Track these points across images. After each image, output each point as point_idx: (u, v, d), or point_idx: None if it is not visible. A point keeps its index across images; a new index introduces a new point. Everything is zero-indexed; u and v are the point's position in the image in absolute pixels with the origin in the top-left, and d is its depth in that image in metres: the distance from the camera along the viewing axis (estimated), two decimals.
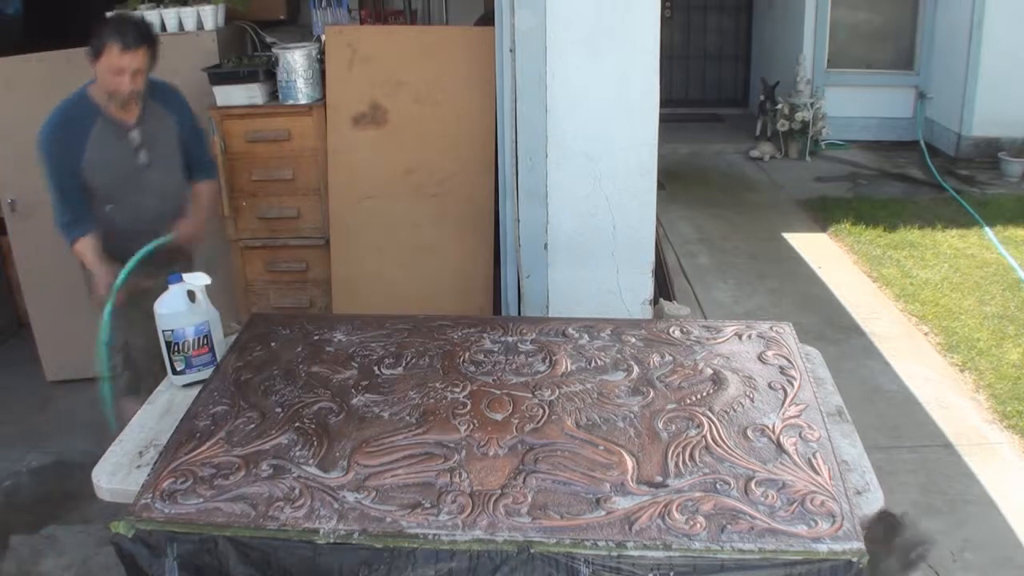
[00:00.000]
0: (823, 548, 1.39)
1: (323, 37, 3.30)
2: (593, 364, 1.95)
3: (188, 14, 3.32)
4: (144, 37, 2.38)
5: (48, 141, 2.45)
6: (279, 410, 1.80)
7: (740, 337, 2.07)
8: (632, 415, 1.75)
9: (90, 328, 3.69)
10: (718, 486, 1.52)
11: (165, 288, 2.01)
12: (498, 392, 1.83)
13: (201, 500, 1.53)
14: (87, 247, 2.49)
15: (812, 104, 6.68)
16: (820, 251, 4.98)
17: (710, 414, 1.74)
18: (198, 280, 2.03)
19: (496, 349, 2.03)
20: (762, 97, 6.99)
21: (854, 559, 1.39)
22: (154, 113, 2.57)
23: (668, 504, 1.48)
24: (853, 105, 6.98)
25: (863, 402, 3.34)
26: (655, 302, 3.26)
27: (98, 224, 2.53)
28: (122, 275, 2.35)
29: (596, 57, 2.75)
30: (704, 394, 1.82)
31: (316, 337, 2.12)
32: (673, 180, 5.83)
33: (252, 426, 1.74)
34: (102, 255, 2.48)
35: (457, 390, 1.84)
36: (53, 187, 2.48)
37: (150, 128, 2.55)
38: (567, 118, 2.79)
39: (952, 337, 3.84)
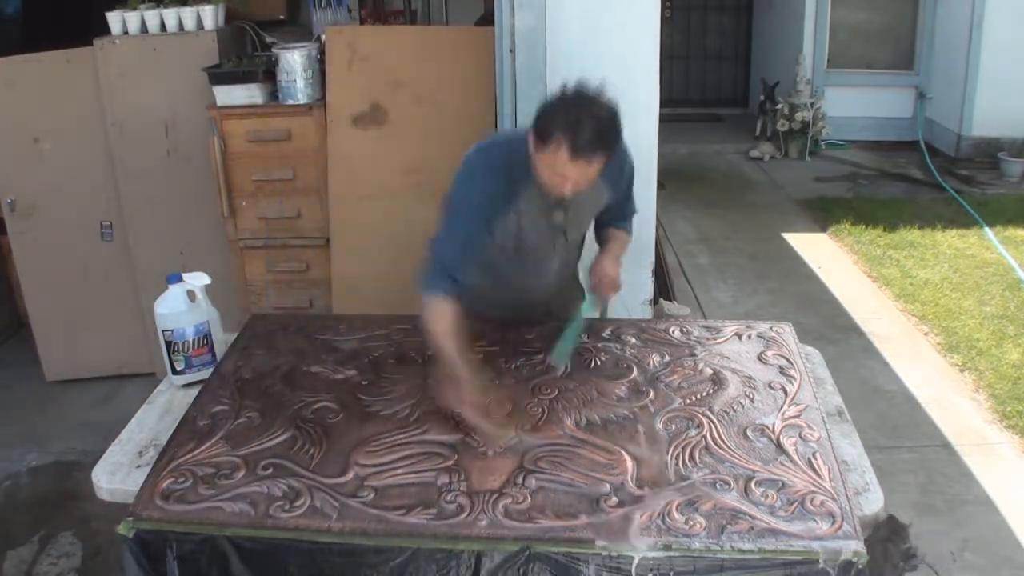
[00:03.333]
0: (823, 548, 1.39)
1: (323, 37, 3.30)
2: (593, 364, 1.95)
3: (188, 14, 3.32)
4: (607, 144, 1.75)
5: (482, 183, 1.90)
6: (279, 410, 1.80)
7: (740, 337, 2.07)
8: (632, 415, 1.75)
9: (89, 328, 3.70)
10: (718, 486, 1.52)
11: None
12: (498, 392, 1.83)
13: (201, 500, 1.53)
14: (436, 317, 1.84)
15: (812, 104, 6.69)
16: (820, 251, 4.98)
17: (710, 414, 1.74)
18: (198, 280, 2.03)
19: (496, 350, 2.03)
20: (762, 97, 6.99)
21: (854, 559, 1.39)
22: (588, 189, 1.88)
23: (668, 504, 1.48)
24: (853, 105, 6.98)
25: (863, 402, 3.34)
26: (655, 302, 3.27)
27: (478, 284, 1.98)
28: (560, 355, 1.96)
29: (596, 57, 2.74)
30: (704, 394, 1.82)
31: (316, 337, 2.12)
32: (673, 180, 5.82)
33: (252, 426, 1.75)
34: (455, 333, 1.82)
35: None
36: (451, 225, 1.92)
37: (577, 201, 1.92)
38: None
39: (952, 337, 3.84)
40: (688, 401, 1.79)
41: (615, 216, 2.16)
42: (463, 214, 1.91)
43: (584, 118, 1.71)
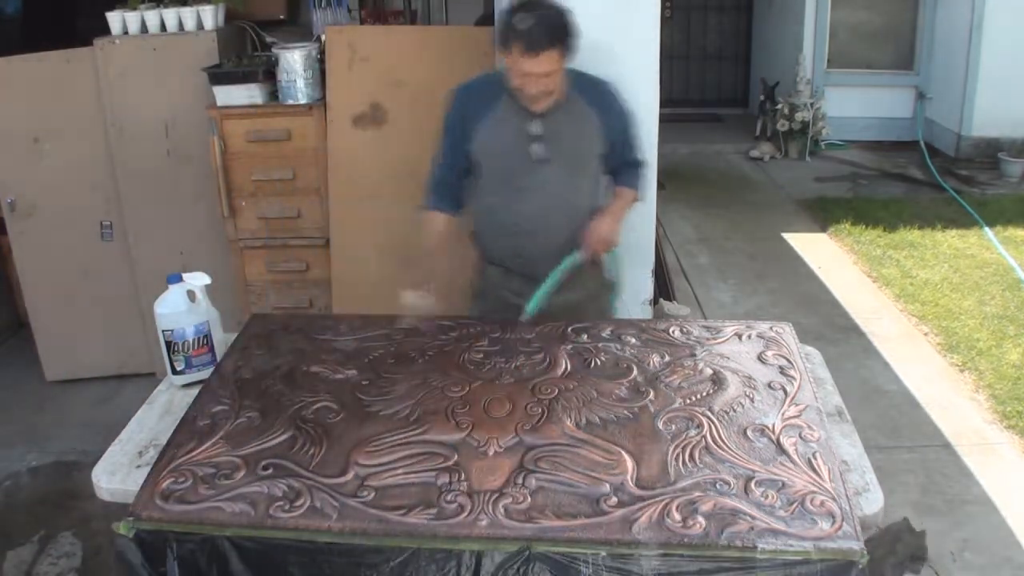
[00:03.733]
0: (823, 548, 1.39)
1: (323, 37, 3.30)
2: (593, 364, 1.95)
3: (188, 14, 3.32)
4: (554, 39, 1.99)
5: (450, 104, 2.26)
6: (279, 410, 1.80)
7: (740, 337, 2.07)
8: (632, 415, 1.75)
9: (89, 328, 3.69)
10: (718, 486, 1.52)
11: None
12: (498, 392, 1.83)
13: (201, 500, 1.53)
14: (437, 223, 2.29)
15: (812, 104, 6.69)
16: (820, 251, 4.98)
17: (710, 414, 1.74)
18: (198, 280, 2.03)
19: (496, 349, 2.03)
20: (762, 97, 6.99)
21: (854, 559, 1.39)
22: (571, 106, 2.18)
23: (668, 504, 1.48)
24: (853, 105, 6.98)
25: (863, 402, 3.34)
26: (655, 302, 3.27)
27: (479, 218, 2.34)
28: (534, 301, 2.14)
29: (596, 57, 2.74)
30: (704, 394, 1.82)
31: (316, 337, 2.12)
32: (673, 180, 5.83)
33: (252, 426, 1.74)
34: (447, 239, 2.28)
35: (457, 390, 1.84)
36: (439, 151, 2.30)
37: (558, 121, 2.17)
38: None
39: (952, 337, 3.84)
40: (688, 401, 1.79)
41: (617, 161, 2.31)
42: (447, 132, 2.26)
43: (530, 16, 1.98)
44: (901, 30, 6.99)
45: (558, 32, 2.01)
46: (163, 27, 3.33)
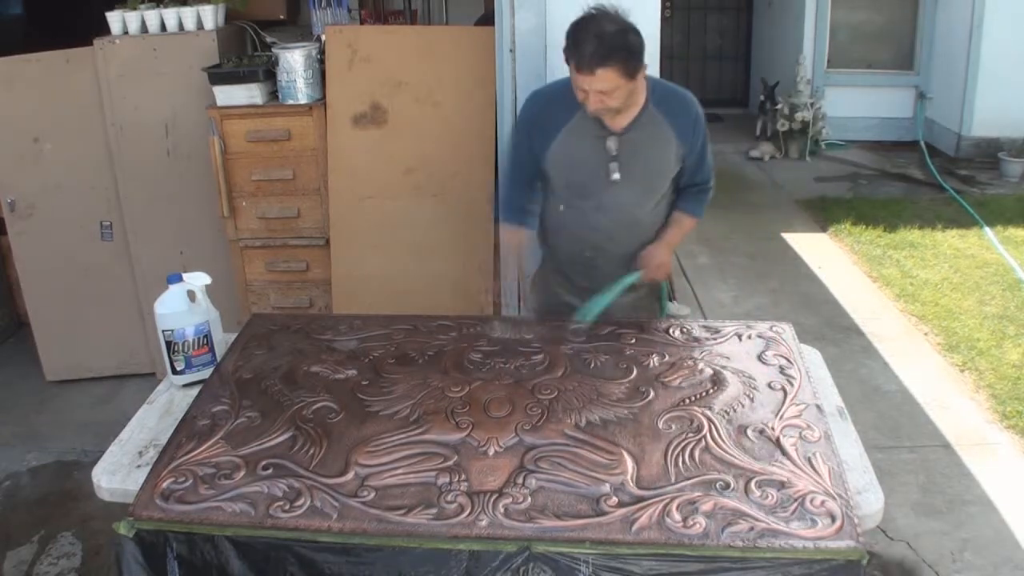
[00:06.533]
0: (823, 548, 1.39)
1: (323, 37, 3.30)
2: (593, 365, 1.95)
3: (188, 14, 3.32)
4: (609, 57, 1.89)
5: (525, 111, 2.19)
6: (279, 410, 1.80)
7: (740, 337, 2.07)
8: (632, 415, 1.75)
9: (89, 328, 3.70)
10: (718, 486, 1.52)
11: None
12: (498, 392, 1.83)
13: (201, 500, 1.53)
14: (514, 238, 2.24)
15: (812, 104, 6.69)
16: (820, 251, 4.98)
17: (710, 414, 1.74)
18: (198, 280, 2.03)
19: (496, 350, 2.03)
20: (762, 97, 6.99)
21: (854, 559, 1.39)
22: (649, 123, 2.09)
23: (668, 504, 1.48)
24: (853, 105, 6.98)
25: (863, 402, 3.34)
26: None
27: (548, 222, 2.29)
28: (590, 310, 2.11)
29: None
30: (704, 394, 1.82)
31: (316, 337, 2.12)
32: None
33: (252, 426, 1.74)
34: (527, 252, 2.25)
35: (457, 390, 1.84)
36: (508, 160, 2.24)
37: (635, 140, 2.09)
38: None
39: (952, 337, 3.84)
40: (688, 401, 1.79)
41: (686, 182, 2.27)
42: (514, 146, 2.22)
43: (587, 31, 1.90)
44: (901, 30, 7.00)
45: (615, 51, 1.90)
46: (163, 27, 3.33)
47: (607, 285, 2.15)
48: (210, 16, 3.34)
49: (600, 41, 1.88)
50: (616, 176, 2.11)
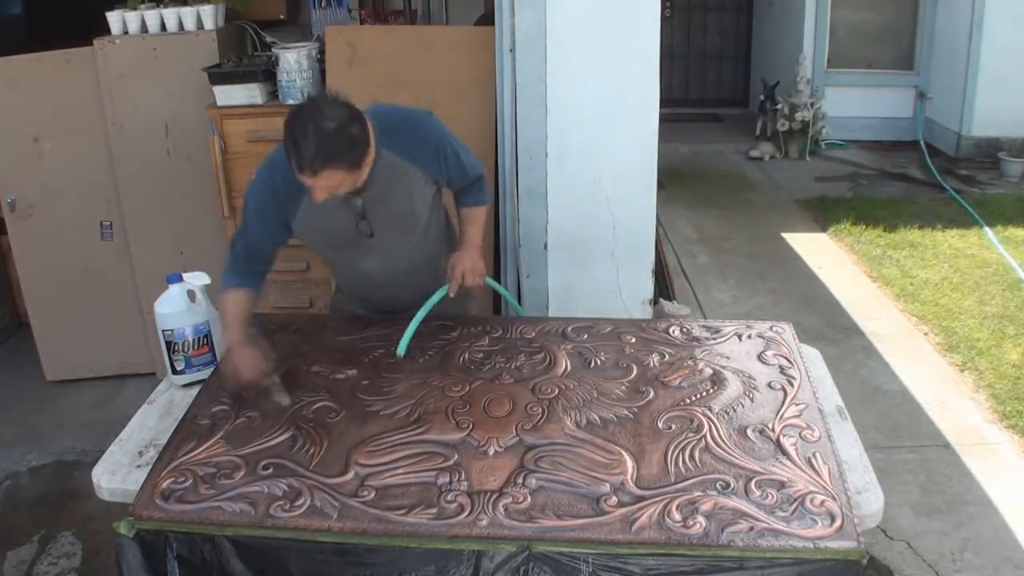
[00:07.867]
0: (823, 548, 1.39)
1: (323, 37, 3.30)
2: (593, 364, 1.95)
3: (188, 14, 3.32)
4: (328, 159, 1.73)
5: (256, 189, 2.00)
6: (279, 410, 1.80)
7: (740, 337, 2.07)
8: (632, 415, 1.75)
9: (89, 328, 3.69)
10: (718, 486, 1.52)
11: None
12: (498, 392, 1.83)
13: (201, 500, 1.53)
14: (229, 303, 1.97)
15: (812, 104, 6.68)
16: (820, 251, 4.98)
17: (710, 414, 1.74)
18: (198, 280, 2.03)
19: (496, 349, 2.03)
20: (762, 97, 6.99)
21: (854, 559, 1.39)
22: (386, 168, 1.95)
23: (668, 504, 1.48)
24: (853, 105, 6.97)
25: (863, 402, 3.34)
26: (655, 302, 3.26)
27: (329, 265, 2.20)
28: (404, 340, 2.00)
29: (596, 57, 2.75)
30: (704, 394, 1.82)
31: (316, 337, 2.12)
32: (673, 180, 5.82)
33: (252, 426, 1.75)
34: (244, 318, 1.97)
35: (457, 390, 1.85)
36: (244, 224, 2.04)
37: (378, 191, 1.97)
38: (567, 118, 2.79)
39: (952, 337, 3.84)
40: (688, 401, 1.79)
41: (459, 188, 2.19)
42: (254, 216, 1.99)
43: (305, 130, 1.72)
44: (901, 30, 6.99)
45: (337, 153, 1.74)
46: (163, 27, 3.33)
47: (415, 305, 2.08)
48: (210, 16, 3.34)
49: (319, 143, 1.71)
50: (366, 230, 2.03)
